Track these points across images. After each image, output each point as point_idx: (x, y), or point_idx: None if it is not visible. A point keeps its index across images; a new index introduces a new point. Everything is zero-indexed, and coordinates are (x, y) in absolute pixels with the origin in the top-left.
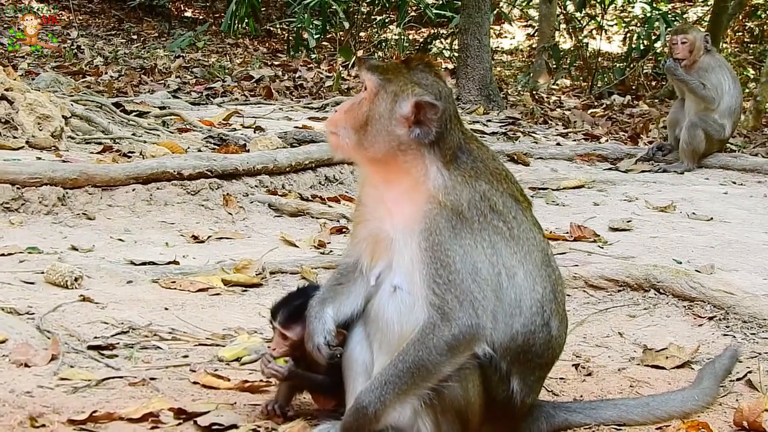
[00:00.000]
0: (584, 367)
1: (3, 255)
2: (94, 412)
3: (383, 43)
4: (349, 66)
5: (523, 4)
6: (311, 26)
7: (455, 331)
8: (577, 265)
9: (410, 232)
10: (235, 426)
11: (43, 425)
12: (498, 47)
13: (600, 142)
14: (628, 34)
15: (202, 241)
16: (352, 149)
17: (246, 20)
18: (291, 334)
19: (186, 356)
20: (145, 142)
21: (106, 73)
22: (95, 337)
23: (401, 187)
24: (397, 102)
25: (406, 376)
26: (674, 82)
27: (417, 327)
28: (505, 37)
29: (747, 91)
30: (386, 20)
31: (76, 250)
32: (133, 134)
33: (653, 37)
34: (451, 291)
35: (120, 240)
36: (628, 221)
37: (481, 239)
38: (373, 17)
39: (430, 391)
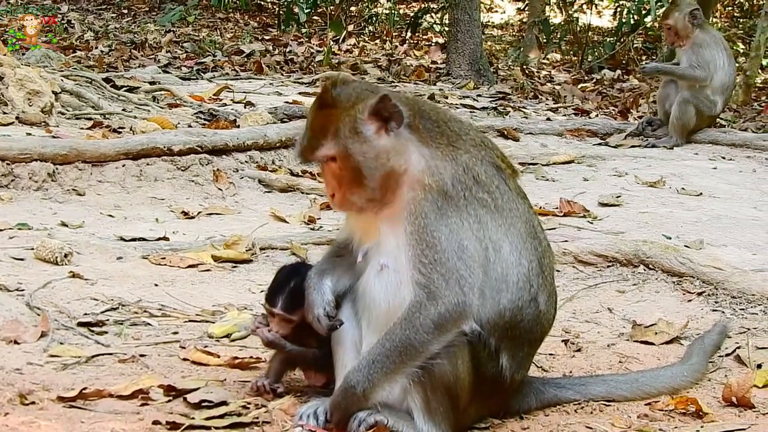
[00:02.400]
0: (574, 343)
1: None
2: (84, 389)
3: (374, 18)
4: (340, 40)
5: None
6: (302, 0)
7: (441, 309)
8: (566, 241)
9: (397, 218)
10: (224, 402)
11: (33, 402)
12: (488, 21)
13: (590, 117)
14: (619, 8)
15: (192, 217)
16: (372, 200)
17: None
18: (295, 317)
19: (176, 333)
20: (135, 117)
21: (96, 48)
22: (85, 314)
23: (388, 182)
24: (361, 131)
25: (394, 355)
26: (663, 77)
27: (404, 305)
28: (496, 11)
29: (737, 65)
30: None
31: (66, 226)
32: (123, 110)
33: (643, 12)
34: (437, 270)
35: (110, 216)
36: (618, 196)
37: (467, 215)
38: None
39: (418, 368)
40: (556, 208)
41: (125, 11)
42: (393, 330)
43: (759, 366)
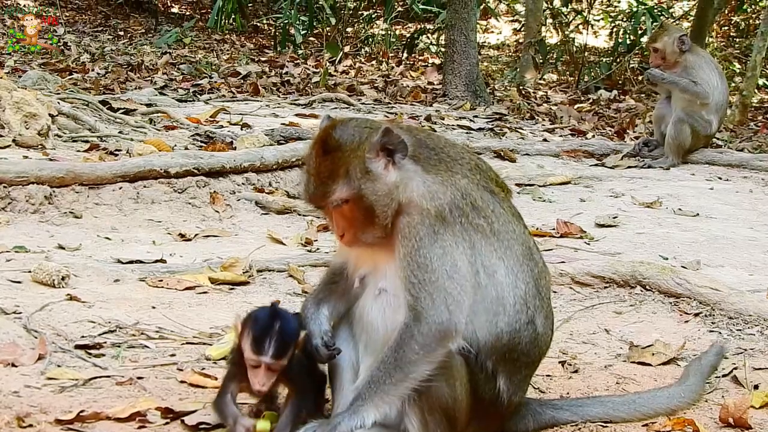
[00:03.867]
0: (571, 364)
1: None
2: (82, 411)
3: (370, 39)
4: (336, 61)
5: None
6: (298, 22)
7: (424, 329)
8: (563, 262)
9: (393, 242)
10: (221, 425)
11: (30, 425)
12: (485, 42)
13: (586, 138)
14: (615, 29)
15: (189, 240)
16: (380, 236)
17: (233, 16)
18: (284, 361)
19: (173, 355)
20: (131, 140)
21: (92, 70)
22: (82, 336)
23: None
24: (371, 169)
25: (386, 382)
26: (663, 86)
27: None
28: (492, 32)
29: (733, 85)
30: (373, 16)
31: (63, 248)
32: (120, 132)
33: (639, 32)
34: (425, 289)
35: (107, 238)
36: (615, 217)
37: (461, 240)
38: (359, 12)
39: (413, 391)
40: (553, 229)
41: (121, 33)
42: (384, 356)
43: (756, 387)
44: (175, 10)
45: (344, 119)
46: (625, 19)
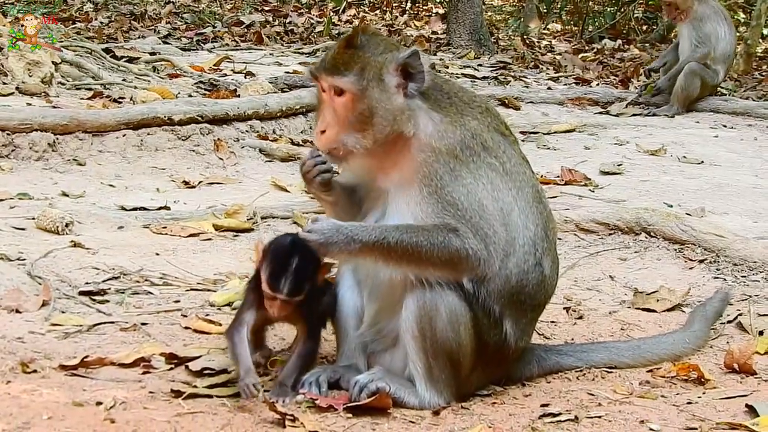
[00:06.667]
0: (575, 311)
1: None
2: (86, 357)
3: None
4: (340, 11)
5: None
6: None
7: (463, 247)
8: (568, 209)
9: (408, 182)
10: (225, 371)
11: (35, 371)
12: None
13: (591, 86)
14: None
15: (193, 187)
16: (366, 149)
17: None
18: (301, 297)
19: (177, 301)
20: (135, 87)
21: (95, 19)
22: (86, 283)
23: (395, 147)
24: (384, 79)
25: (401, 243)
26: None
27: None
28: None
29: (737, 35)
30: None
31: (67, 195)
32: (124, 80)
33: None
34: (462, 223)
35: (111, 186)
36: (619, 165)
37: (479, 176)
38: None
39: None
40: (558, 176)
41: None
42: (413, 228)
43: (761, 333)
44: None
45: (376, 29)
46: None
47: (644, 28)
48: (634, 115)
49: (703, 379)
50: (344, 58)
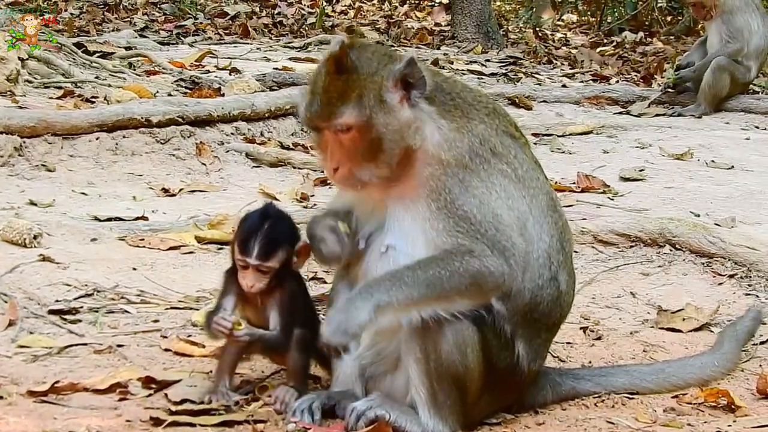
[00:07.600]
0: (593, 331)
1: None
2: (57, 382)
3: None
4: (334, 1)
5: None
6: None
7: (484, 267)
8: (585, 219)
9: (413, 197)
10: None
11: (1, 397)
12: None
13: (610, 84)
14: None
15: (174, 195)
16: (384, 177)
17: None
18: (273, 263)
19: (156, 321)
20: (109, 85)
21: (65, 10)
22: (57, 301)
23: (399, 160)
24: (386, 99)
25: (420, 283)
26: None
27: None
28: None
29: None
30: None
31: (35, 204)
32: (97, 77)
33: None
34: (477, 239)
35: (83, 194)
36: (641, 170)
37: (491, 185)
38: None
39: (423, 341)
40: (574, 183)
41: None
42: (425, 263)
43: None
44: None
45: (362, 41)
46: None
47: (668, 18)
48: (657, 115)
49: (733, 406)
50: (338, 88)
